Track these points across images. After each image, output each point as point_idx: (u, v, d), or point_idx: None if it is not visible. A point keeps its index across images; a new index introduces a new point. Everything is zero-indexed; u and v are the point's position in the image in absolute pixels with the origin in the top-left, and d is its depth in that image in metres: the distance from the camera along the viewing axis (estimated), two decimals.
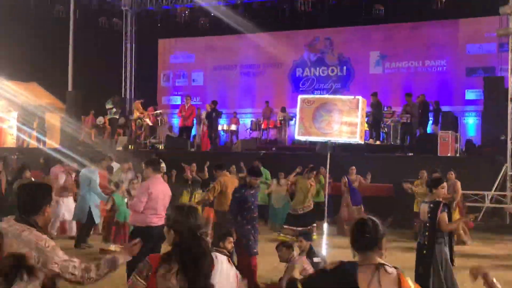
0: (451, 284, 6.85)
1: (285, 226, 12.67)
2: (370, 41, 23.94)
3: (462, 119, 21.87)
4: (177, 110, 22.35)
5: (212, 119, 20.56)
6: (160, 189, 7.87)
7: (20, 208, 3.90)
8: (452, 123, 18.32)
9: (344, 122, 8.73)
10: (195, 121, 21.35)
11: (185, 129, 20.63)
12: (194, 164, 14.52)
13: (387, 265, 3.39)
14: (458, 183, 12.60)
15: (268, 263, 8.98)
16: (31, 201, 3.89)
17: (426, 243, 6.95)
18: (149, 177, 8.00)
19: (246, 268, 8.10)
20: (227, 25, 24.18)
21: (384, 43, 23.88)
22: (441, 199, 7.03)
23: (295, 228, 12.24)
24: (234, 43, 26.18)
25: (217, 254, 3.25)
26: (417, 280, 6.92)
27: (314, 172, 13.29)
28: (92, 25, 24.97)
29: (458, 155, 17.22)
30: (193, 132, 22.21)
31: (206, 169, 14.57)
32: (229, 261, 3.33)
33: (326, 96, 18.26)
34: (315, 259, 8.08)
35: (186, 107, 20.53)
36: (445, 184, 7.17)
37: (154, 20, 26.17)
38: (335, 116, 8.80)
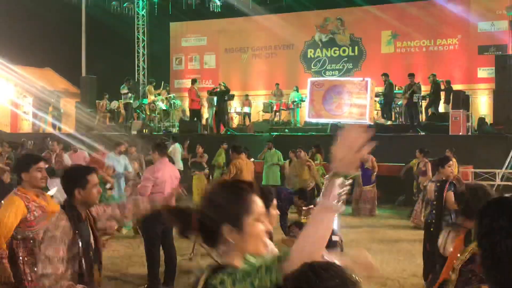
0: None
1: None
2: (382, 20, 23.86)
3: (475, 98, 21.84)
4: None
5: (224, 101, 20.64)
6: (167, 173, 7.86)
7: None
8: (463, 101, 18.33)
9: (353, 104, 8.89)
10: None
11: (193, 112, 20.85)
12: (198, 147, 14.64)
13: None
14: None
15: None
16: (63, 184, 4.11)
17: (433, 221, 7.11)
18: (156, 161, 8.12)
19: None
20: (238, 7, 24.25)
21: (396, 22, 23.78)
22: (448, 178, 7.18)
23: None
24: (245, 25, 26.20)
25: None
26: (425, 256, 7.13)
27: (302, 153, 13.35)
28: (104, 10, 25.15)
29: (469, 133, 17.28)
30: (206, 114, 22.49)
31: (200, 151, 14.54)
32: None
33: (336, 78, 18.38)
34: (334, 237, 8.26)
35: (196, 90, 20.75)
36: (451, 163, 7.31)
37: (165, 4, 26.29)
38: (344, 98, 8.96)
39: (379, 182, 14.06)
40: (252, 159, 13.60)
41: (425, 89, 19.66)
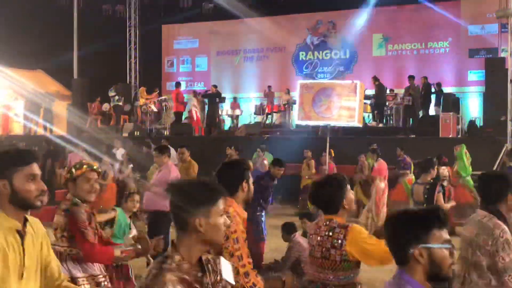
0: None
1: None
2: (373, 23, 23.97)
3: (465, 101, 21.97)
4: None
5: (215, 103, 20.68)
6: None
7: (484, 197, 4.14)
8: (453, 104, 18.47)
9: (343, 106, 8.93)
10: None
11: (178, 115, 20.95)
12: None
13: None
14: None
15: (271, 243, 9.20)
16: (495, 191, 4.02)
17: None
18: (166, 164, 8.15)
19: (253, 253, 8.32)
20: (230, 10, 24.28)
21: (387, 25, 23.94)
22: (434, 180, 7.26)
23: None
24: (237, 27, 26.24)
25: None
26: None
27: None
28: (95, 12, 25.13)
29: (459, 136, 17.39)
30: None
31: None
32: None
33: (325, 81, 18.50)
34: None
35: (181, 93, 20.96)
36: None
37: (157, 6, 26.30)
38: (334, 101, 8.99)
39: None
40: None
41: None
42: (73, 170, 4.23)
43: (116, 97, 21.54)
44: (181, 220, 2.44)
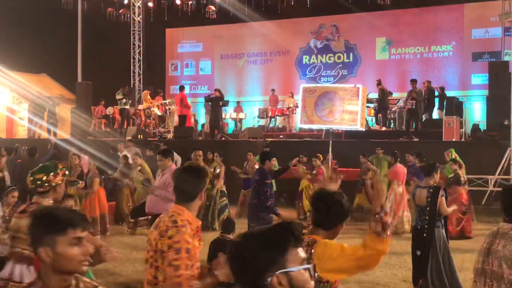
0: (449, 264, 7.08)
1: None
2: (376, 27, 24.04)
3: (469, 104, 21.98)
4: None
5: (219, 107, 20.69)
6: None
7: (505, 210, 4.10)
8: (456, 108, 18.47)
9: (345, 110, 8.96)
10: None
11: (182, 118, 20.98)
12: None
13: None
14: None
15: None
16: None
17: (425, 226, 7.15)
18: (169, 167, 8.16)
19: None
20: (233, 13, 24.36)
21: (390, 29, 23.97)
22: (440, 184, 7.28)
23: None
24: (241, 31, 26.34)
25: None
26: (415, 262, 7.17)
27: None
28: (100, 16, 25.21)
29: (463, 139, 17.39)
30: (204, 121, 22.63)
31: None
32: None
33: (328, 85, 18.59)
34: None
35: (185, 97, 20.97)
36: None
37: (161, 10, 26.38)
38: (336, 105, 9.02)
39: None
40: None
41: None
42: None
43: (123, 100, 21.56)
44: (33, 248, 2.35)
